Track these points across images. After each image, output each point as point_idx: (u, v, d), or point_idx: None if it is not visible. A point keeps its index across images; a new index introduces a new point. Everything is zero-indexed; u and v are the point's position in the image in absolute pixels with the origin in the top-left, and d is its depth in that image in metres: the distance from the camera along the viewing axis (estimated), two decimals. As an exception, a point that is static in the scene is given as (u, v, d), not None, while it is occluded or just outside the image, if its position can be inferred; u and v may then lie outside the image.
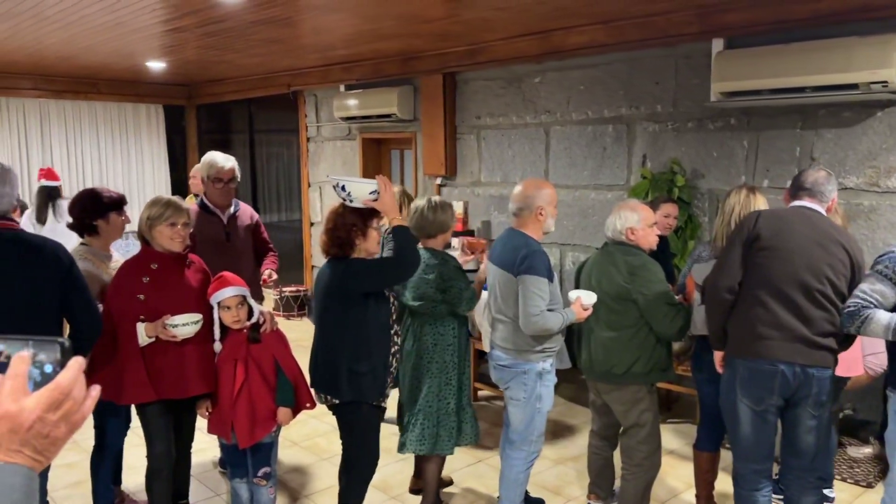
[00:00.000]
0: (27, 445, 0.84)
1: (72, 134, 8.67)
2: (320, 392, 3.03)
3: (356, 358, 2.89)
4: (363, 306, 2.88)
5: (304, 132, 8.02)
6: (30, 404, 0.85)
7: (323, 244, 2.96)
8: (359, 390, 2.92)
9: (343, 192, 2.85)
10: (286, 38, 5.81)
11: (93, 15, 4.89)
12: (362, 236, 2.92)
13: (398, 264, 2.88)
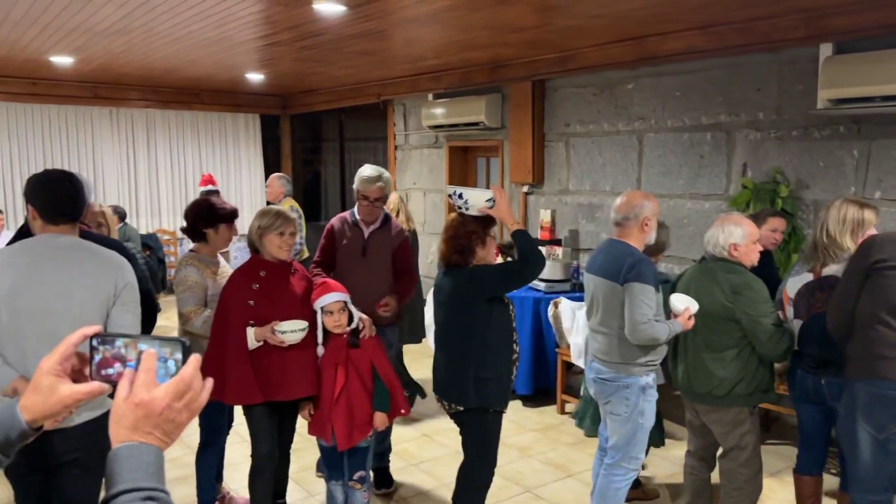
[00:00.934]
0: (157, 429, 0.98)
1: (175, 142, 9.15)
2: (444, 399, 3.07)
3: (482, 364, 2.93)
4: (487, 313, 2.94)
5: (392, 140, 8.16)
6: (159, 394, 0.98)
7: (443, 253, 3.03)
8: (485, 397, 2.96)
9: (460, 200, 2.95)
10: (378, 49, 5.94)
11: (200, 31, 5.15)
12: (482, 244, 2.98)
13: (523, 267, 2.94)
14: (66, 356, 1.08)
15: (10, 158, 8.07)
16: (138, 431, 0.97)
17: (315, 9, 4.30)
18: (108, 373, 1.06)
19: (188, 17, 4.72)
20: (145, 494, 0.92)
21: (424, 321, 5.33)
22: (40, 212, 2.44)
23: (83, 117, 8.50)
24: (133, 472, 0.93)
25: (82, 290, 2.34)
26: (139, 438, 0.97)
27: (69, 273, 2.34)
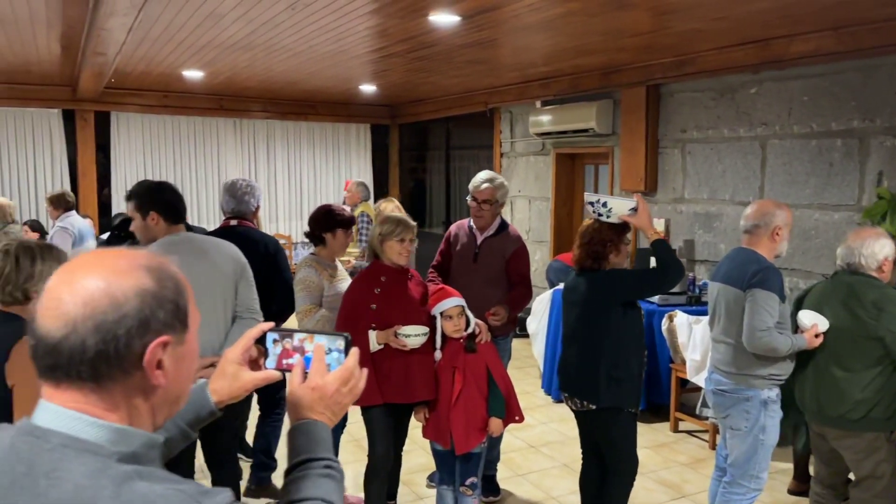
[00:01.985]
0: (328, 409, 1.16)
1: (292, 151, 9.58)
2: (575, 397, 3.08)
3: (615, 364, 2.95)
4: (621, 316, 2.96)
5: (498, 148, 8.18)
6: (330, 380, 1.17)
7: (577, 257, 3.07)
8: (618, 396, 2.97)
9: (603, 207, 2.98)
10: (488, 58, 5.98)
11: (320, 45, 5.36)
12: (616, 252, 3.01)
13: (662, 276, 2.97)
14: (246, 348, 1.24)
15: (143, 166, 8.71)
16: (313, 411, 1.15)
17: (430, 20, 4.38)
18: (290, 362, 1.23)
19: (310, 33, 4.93)
20: (324, 463, 1.09)
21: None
22: (164, 215, 2.83)
23: (209, 128, 9.04)
24: (313, 444, 1.11)
25: (217, 273, 2.81)
26: (314, 417, 1.14)
27: (206, 262, 2.80)
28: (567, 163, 7.36)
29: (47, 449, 0.86)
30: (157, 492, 0.84)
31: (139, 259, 0.94)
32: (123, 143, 8.61)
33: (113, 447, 0.88)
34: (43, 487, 0.83)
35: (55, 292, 0.89)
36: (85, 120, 8.26)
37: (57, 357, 0.87)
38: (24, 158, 8.12)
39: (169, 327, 0.93)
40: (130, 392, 0.91)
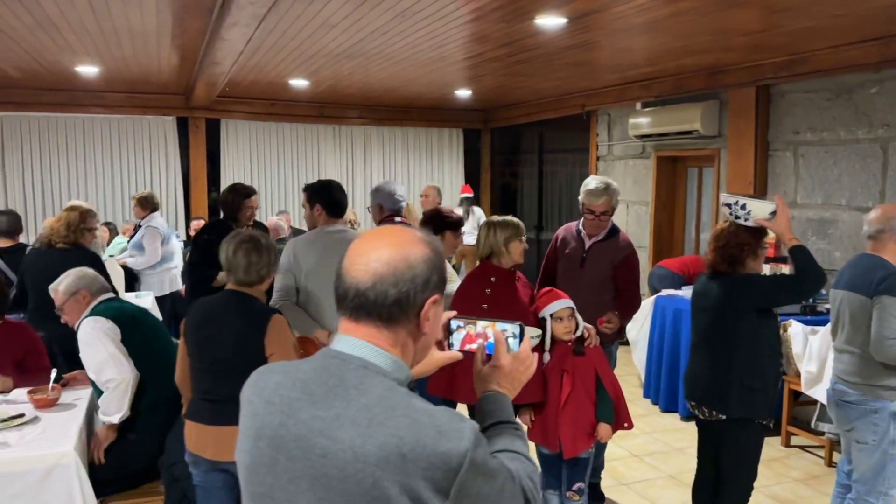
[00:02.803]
0: (510, 384, 1.36)
1: (387, 156, 9.79)
2: (703, 406, 3.01)
3: (749, 373, 2.86)
4: (755, 322, 2.87)
5: (595, 151, 8.07)
6: (510, 359, 1.36)
7: (711, 260, 3.00)
8: (750, 406, 2.88)
9: (742, 210, 2.89)
10: (588, 60, 5.92)
11: (424, 51, 5.46)
12: (753, 256, 2.92)
13: (801, 283, 2.85)
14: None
15: (249, 170, 9.11)
16: (499, 385, 1.35)
17: (536, 23, 4.39)
18: (472, 347, 1.41)
19: (415, 40, 5.03)
20: (513, 426, 1.31)
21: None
22: (328, 209, 3.37)
23: (311, 134, 9.37)
24: (500, 411, 1.32)
25: None
26: (499, 389, 1.35)
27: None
28: (668, 166, 7.18)
29: (352, 368, 1.13)
30: (430, 409, 1.09)
31: (421, 235, 1.20)
32: (232, 148, 9.04)
33: (393, 373, 1.15)
34: (353, 395, 1.09)
35: (365, 256, 1.15)
36: (197, 127, 8.72)
37: (364, 301, 1.14)
38: (142, 163, 8.65)
39: (438, 289, 1.19)
40: (407, 335, 1.18)
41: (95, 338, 2.79)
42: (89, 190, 8.40)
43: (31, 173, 8.18)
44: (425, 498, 1.02)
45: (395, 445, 1.03)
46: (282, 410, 1.12)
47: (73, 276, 2.94)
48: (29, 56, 5.84)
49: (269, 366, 1.25)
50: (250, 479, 1.15)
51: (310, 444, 1.07)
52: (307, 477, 1.07)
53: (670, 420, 5.18)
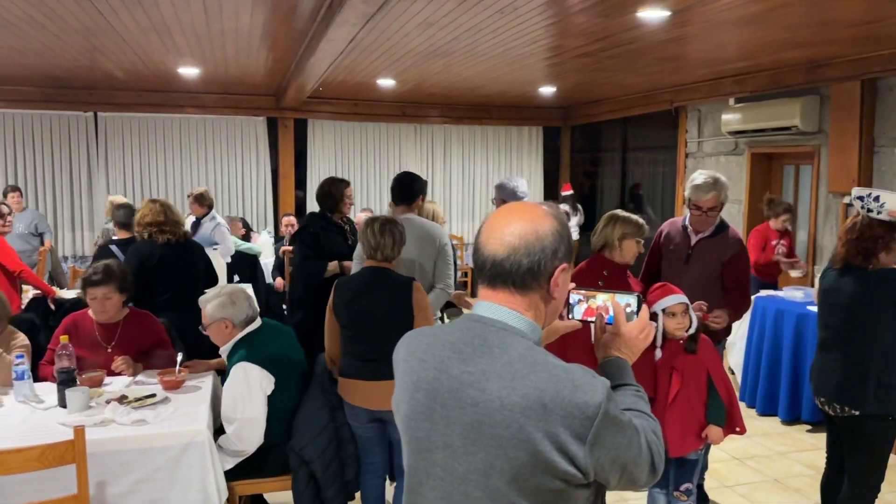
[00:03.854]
0: (629, 350, 1.47)
1: (467, 154, 9.84)
2: (836, 402, 2.93)
3: (886, 369, 2.81)
4: (892, 317, 2.81)
5: (683, 148, 7.89)
6: (630, 328, 1.47)
7: (843, 254, 2.93)
8: (887, 402, 2.82)
9: (875, 202, 2.84)
10: (681, 54, 5.79)
11: (516, 48, 5.46)
12: (886, 249, 2.86)
13: None
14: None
15: (334, 169, 9.32)
16: (620, 351, 1.46)
17: (638, 16, 4.33)
18: (589, 320, 1.54)
19: (509, 37, 5.05)
20: (634, 388, 1.41)
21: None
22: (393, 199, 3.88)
23: (393, 133, 9.51)
24: (623, 374, 1.42)
25: (426, 245, 3.61)
26: (619, 355, 1.45)
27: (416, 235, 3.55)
28: (763, 163, 6.96)
29: (493, 330, 1.26)
30: (566, 365, 1.21)
31: (548, 209, 1.32)
32: (318, 148, 9.27)
33: (530, 335, 1.27)
34: (497, 353, 1.23)
35: (499, 230, 1.28)
36: (286, 127, 8.99)
37: (500, 270, 1.27)
38: (233, 162, 8.98)
39: (566, 258, 1.30)
40: (539, 300, 1.30)
41: (246, 390, 2.78)
42: (185, 187, 8.77)
43: (131, 171, 8.61)
44: (565, 442, 1.15)
45: (537, 397, 1.16)
46: (435, 367, 1.28)
47: (218, 304, 2.90)
48: (136, 57, 6.15)
49: (418, 330, 1.42)
50: (410, 425, 1.31)
51: (462, 395, 1.22)
52: (461, 422, 1.22)
53: (769, 423, 5.02)
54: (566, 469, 1.15)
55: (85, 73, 7.08)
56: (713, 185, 3.47)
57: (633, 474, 1.24)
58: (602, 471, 1.18)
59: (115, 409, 2.71)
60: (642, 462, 1.25)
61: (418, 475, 1.30)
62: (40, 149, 8.29)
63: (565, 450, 1.15)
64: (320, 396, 3.00)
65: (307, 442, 2.85)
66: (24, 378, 2.92)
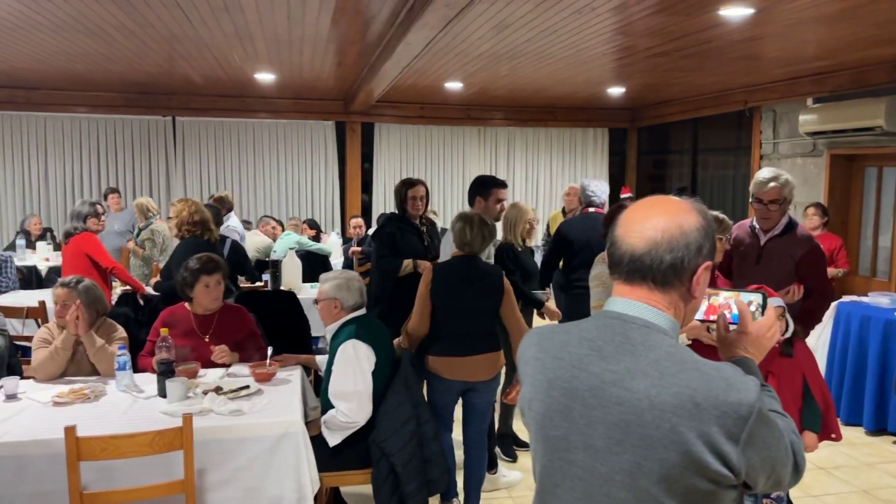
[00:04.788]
0: (756, 349, 1.43)
1: (531, 157, 9.83)
2: None
3: None
4: None
5: (758, 150, 7.69)
6: (756, 327, 1.44)
7: None
8: None
9: None
10: (758, 53, 5.66)
11: (589, 48, 5.44)
12: None
13: None
14: None
15: (399, 171, 9.44)
16: (746, 351, 1.42)
17: (720, 14, 4.26)
18: (710, 319, 1.51)
19: (584, 38, 5.03)
20: (767, 388, 1.34)
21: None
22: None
23: (457, 136, 9.57)
24: (753, 373, 1.34)
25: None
26: (745, 355, 1.41)
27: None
28: (843, 164, 6.72)
29: (634, 327, 1.23)
30: (715, 364, 1.18)
31: (693, 204, 1.26)
32: (384, 151, 9.41)
33: (671, 332, 1.24)
34: (641, 351, 1.19)
35: (639, 224, 1.24)
36: (353, 131, 9.16)
37: (639, 265, 1.23)
38: (302, 165, 9.19)
39: (710, 255, 1.25)
40: (678, 298, 1.26)
41: (357, 364, 2.95)
42: (257, 189, 9.03)
43: (207, 173, 8.91)
44: (718, 442, 1.11)
45: (689, 396, 1.13)
46: (572, 364, 1.24)
47: (335, 285, 3.10)
48: (217, 64, 6.37)
49: (546, 327, 1.37)
50: (545, 424, 1.28)
51: (605, 393, 1.19)
52: (604, 422, 1.18)
53: (854, 433, 4.84)
54: (718, 469, 1.12)
55: (165, 79, 7.37)
56: (774, 179, 3.42)
57: (780, 475, 1.21)
58: (753, 471, 1.15)
59: (213, 399, 2.82)
60: (788, 462, 1.23)
61: (553, 475, 1.27)
62: (122, 152, 8.67)
63: (718, 450, 1.11)
64: (404, 392, 3.04)
65: (389, 434, 2.91)
66: (125, 369, 3.07)
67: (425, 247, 4.27)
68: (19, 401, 2.92)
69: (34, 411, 2.80)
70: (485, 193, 4.22)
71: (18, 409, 2.81)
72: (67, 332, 3.15)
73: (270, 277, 5.69)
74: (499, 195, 4.26)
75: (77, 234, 4.93)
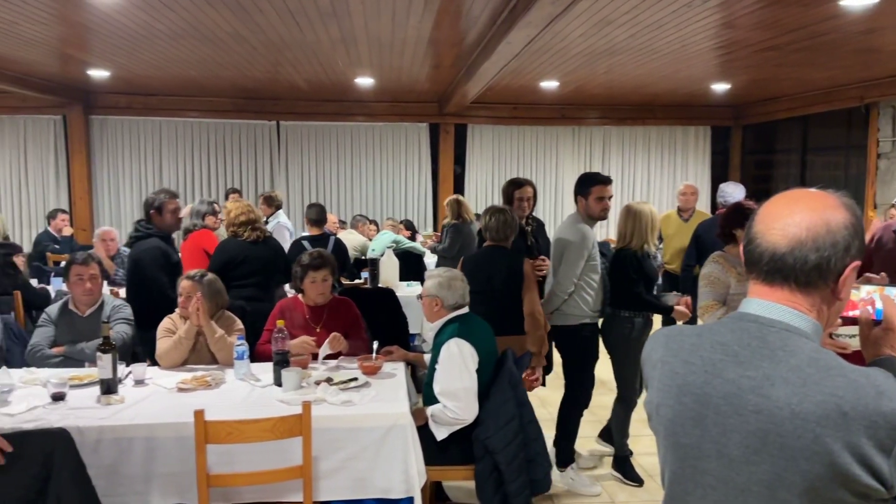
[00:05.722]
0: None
1: (627, 156, 9.62)
2: None
3: None
4: None
5: (875, 148, 7.22)
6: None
7: None
8: None
9: None
10: (877, 46, 5.33)
11: (695, 43, 5.28)
12: None
13: None
14: None
15: (491, 173, 9.47)
16: (893, 349, 1.32)
17: (840, 5, 4.04)
18: (854, 313, 1.44)
19: (690, 32, 4.88)
20: None
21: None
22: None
23: (550, 136, 9.50)
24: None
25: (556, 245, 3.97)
26: (893, 353, 1.32)
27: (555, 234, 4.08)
28: (974, 162, 6.22)
29: (773, 331, 1.15)
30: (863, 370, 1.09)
31: (841, 199, 1.17)
32: (476, 152, 9.46)
33: (813, 336, 1.15)
34: (781, 356, 1.12)
35: (781, 220, 1.16)
36: (447, 132, 9.26)
37: (781, 265, 1.15)
38: (397, 167, 9.37)
39: (858, 256, 1.15)
40: (821, 300, 1.17)
41: (462, 363, 2.97)
42: (353, 190, 9.28)
43: (308, 175, 9.24)
44: (868, 454, 1.04)
45: (836, 404, 1.05)
46: (705, 370, 1.19)
47: (437, 283, 3.15)
48: (321, 69, 6.59)
49: (676, 329, 1.31)
50: (675, 430, 1.23)
51: (741, 400, 1.13)
52: (740, 431, 1.13)
53: None
54: (868, 483, 1.05)
55: (271, 85, 7.70)
56: None
57: None
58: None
59: (326, 389, 2.92)
60: None
61: (684, 483, 1.23)
62: (230, 155, 9.12)
63: (868, 462, 1.04)
64: (509, 390, 3.05)
65: (493, 432, 2.92)
66: (243, 358, 3.22)
67: (528, 247, 4.26)
68: (146, 386, 3.12)
69: (161, 396, 2.98)
70: (583, 192, 4.07)
71: (147, 394, 3.00)
72: (190, 322, 3.34)
73: (370, 275, 5.83)
74: (598, 192, 4.09)
75: (195, 231, 5.21)
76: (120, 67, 6.67)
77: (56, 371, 3.24)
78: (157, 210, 4.08)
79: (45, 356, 3.47)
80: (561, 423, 3.96)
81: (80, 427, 2.56)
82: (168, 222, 4.12)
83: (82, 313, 3.61)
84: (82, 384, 3.05)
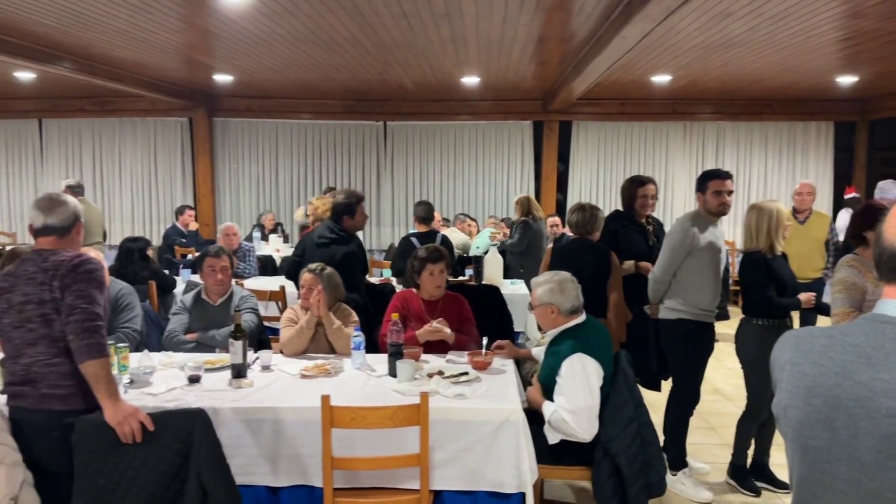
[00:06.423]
0: None
1: (742, 153, 9.22)
2: None
3: None
4: None
5: None
6: None
7: None
8: None
9: None
10: None
11: (821, 34, 5.00)
12: None
13: None
14: None
15: (596, 171, 9.33)
16: None
17: None
18: None
19: (817, 22, 4.64)
20: None
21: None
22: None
23: (660, 132, 9.24)
24: None
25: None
26: None
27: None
28: None
29: None
30: None
31: None
32: (581, 149, 9.34)
33: None
34: None
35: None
36: (551, 129, 9.20)
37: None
38: (499, 165, 9.40)
39: None
40: None
41: (585, 380, 2.90)
42: (455, 188, 9.39)
43: (413, 174, 9.44)
44: None
45: None
46: (835, 372, 1.16)
47: (548, 289, 3.07)
48: (430, 69, 6.72)
49: (806, 330, 1.28)
50: (803, 433, 1.21)
51: (873, 403, 1.10)
52: (873, 435, 1.10)
53: None
54: None
55: (380, 86, 7.92)
56: None
57: None
58: None
59: (439, 382, 2.99)
60: None
61: (813, 487, 1.22)
62: (340, 155, 9.46)
63: None
64: (625, 391, 3.01)
65: (614, 435, 2.88)
66: (359, 349, 3.36)
67: (650, 247, 4.19)
68: (272, 372, 3.31)
69: (286, 381, 3.15)
70: (701, 187, 3.99)
71: (273, 379, 3.18)
72: (310, 313, 3.51)
73: (474, 272, 5.90)
74: (715, 187, 3.95)
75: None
76: (242, 71, 7.06)
77: (190, 356, 3.48)
78: (350, 213, 4.35)
79: (180, 341, 3.75)
80: (666, 423, 3.90)
81: (214, 408, 2.75)
82: (360, 223, 4.44)
83: (214, 302, 3.88)
84: (215, 368, 3.27)
